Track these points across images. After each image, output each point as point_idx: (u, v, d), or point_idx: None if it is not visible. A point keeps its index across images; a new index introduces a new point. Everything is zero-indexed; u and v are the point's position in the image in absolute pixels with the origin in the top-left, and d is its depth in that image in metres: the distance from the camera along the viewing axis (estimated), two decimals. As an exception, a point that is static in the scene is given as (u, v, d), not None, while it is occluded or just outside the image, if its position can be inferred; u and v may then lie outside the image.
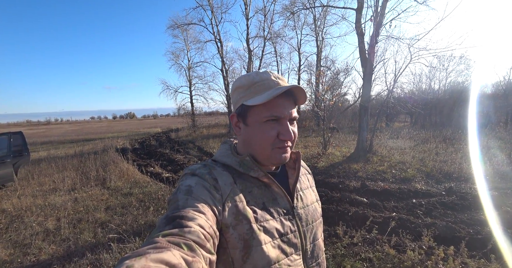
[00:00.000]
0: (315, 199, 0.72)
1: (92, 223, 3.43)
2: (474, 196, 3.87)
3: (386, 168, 5.74)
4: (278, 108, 0.57)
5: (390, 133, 11.14)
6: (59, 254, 2.72)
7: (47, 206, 4.11)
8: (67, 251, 2.77)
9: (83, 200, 4.39)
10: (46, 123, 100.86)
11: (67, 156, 8.52)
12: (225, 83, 16.08)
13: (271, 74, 0.61)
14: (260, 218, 0.55)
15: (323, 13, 16.00)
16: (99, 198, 4.49)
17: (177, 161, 7.33)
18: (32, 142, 15.01)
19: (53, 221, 3.53)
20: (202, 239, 0.42)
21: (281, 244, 0.56)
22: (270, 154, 0.59)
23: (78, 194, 4.74)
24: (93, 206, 4.08)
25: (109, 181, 5.33)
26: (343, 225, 2.85)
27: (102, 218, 3.56)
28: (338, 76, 15.96)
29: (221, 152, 0.65)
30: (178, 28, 16.66)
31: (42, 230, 3.26)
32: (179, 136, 15.72)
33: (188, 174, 0.57)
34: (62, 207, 4.02)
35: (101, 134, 21.25)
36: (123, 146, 11.15)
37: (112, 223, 3.36)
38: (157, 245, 0.37)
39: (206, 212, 0.48)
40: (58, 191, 4.89)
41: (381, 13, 6.44)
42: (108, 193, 4.73)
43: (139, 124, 43.96)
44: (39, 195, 4.71)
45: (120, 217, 3.61)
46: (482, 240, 2.56)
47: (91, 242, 2.93)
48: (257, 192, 0.59)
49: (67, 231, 3.19)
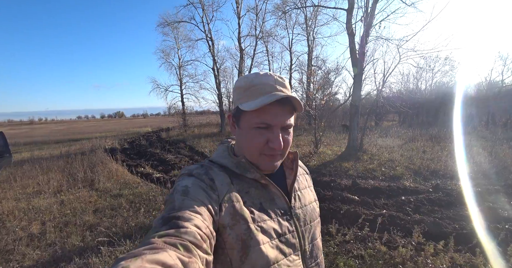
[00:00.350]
0: (313, 199, 0.72)
1: (80, 226, 3.31)
2: (459, 193, 4.02)
3: (376, 166, 5.87)
4: (269, 116, 0.56)
5: (380, 132, 11.39)
6: (44, 259, 2.61)
7: (31, 210, 3.93)
8: (53, 256, 2.66)
9: (70, 202, 4.24)
10: (29, 123, 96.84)
11: (52, 156, 8.20)
12: (216, 82, 15.95)
13: (273, 76, 0.59)
14: (258, 218, 0.55)
15: (314, 13, 16.15)
16: (87, 200, 4.35)
17: (168, 161, 7.21)
18: (14, 143, 14.38)
19: (38, 225, 3.39)
20: (199, 239, 0.42)
21: (280, 244, 0.56)
22: (258, 160, 0.59)
23: (64, 196, 4.57)
24: (81, 208, 3.95)
25: (98, 182, 5.17)
26: (335, 223, 2.88)
27: (91, 221, 3.45)
28: (329, 75, 16.14)
29: (218, 152, 0.65)
30: (168, 26, 16.36)
31: (26, 234, 3.12)
32: (170, 135, 15.48)
33: (185, 175, 0.57)
34: (48, 210, 3.86)
35: (89, 133, 20.61)
36: (112, 146, 10.85)
37: (101, 226, 3.25)
38: (153, 245, 0.36)
39: (203, 213, 0.47)
40: (42, 194, 4.70)
41: (371, 14, 6.56)
42: (97, 195, 4.59)
43: (129, 123, 42.98)
44: (22, 198, 4.51)
45: (110, 219, 3.50)
46: (467, 235, 2.66)
47: (79, 246, 2.83)
48: (254, 192, 0.59)
49: (53, 236, 3.06)
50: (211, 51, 15.35)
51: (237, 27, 15.08)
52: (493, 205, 3.55)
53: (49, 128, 35.59)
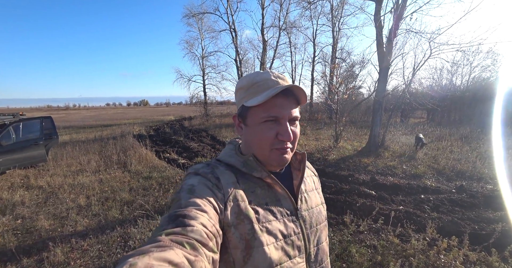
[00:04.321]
0: (320, 202, 0.71)
1: (118, 202, 3.77)
2: (485, 195, 3.88)
3: (397, 163, 5.78)
4: (276, 109, 0.56)
5: (404, 129, 10.95)
6: (92, 226, 3.07)
7: (77, 185, 4.51)
8: (98, 224, 3.11)
9: (107, 181, 4.78)
10: (65, 109, 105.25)
11: (88, 140, 9.04)
12: (238, 73, 16.13)
13: (271, 74, 0.60)
14: (263, 219, 0.55)
15: (341, 3, 15.45)
16: (122, 180, 4.86)
17: (192, 148, 7.65)
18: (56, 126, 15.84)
19: (84, 198, 3.91)
20: (205, 238, 0.42)
21: (285, 246, 0.55)
22: (269, 155, 0.58)
23: (102, 175, 5.14)
24: (118, 187, 4.44)
25: (130, 165, 5.71)
26: (350, 214, 3.01)
27: (127, 198, 3.90)
28: (353, 68, 15.58)
29: (225, 151, 0.66)
30: (193, 17, 16.66)
31: (75, 205, 3.64)
32: (192, 124, 16.10)
33: (191, 173, 0.58)
34: (90, 187, 4.41)
35: (117, 120, 22.04)
36: (139, 132, 11.64)
37: (136, 203, 3.69)
38: (160, 243, 0.37)
39: (209, 211, 0.48)
40: (84, 172, 5.32)
41: (402, 5, 6.24)
42: (130, 176, 5.09)
43: (153, 111, 45.03)
44: (68, 175, 5.15)
45: (143, 197, 3.93)
46: (485, 236, 2.65)
47: (118, 218, 3.26)
48: (260, 192, 0.58)
49: (97, 208, 3.55)
50: (234, 42, 15.49)
51: (261, 18, 14.99)
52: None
53: (82, 114, 38.49)
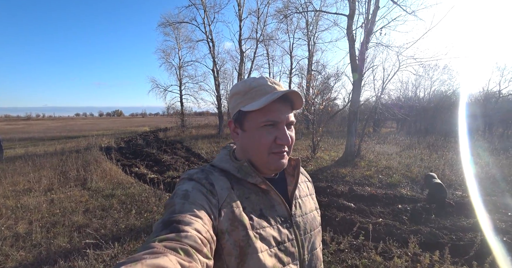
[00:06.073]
0: (314, 207, 0.70)
1: (68, 227, 3.22)
2: (457, 202, 3.97)
3: (373, 173, 5.82)
4: (275, 113, 0.57)
5: (378, 138, 11.39)
6: (28, 261, 2.51)
7: (19, 208, 3.83)
8: (37, 258, 2.56)
9: (60, 201, 4.14)
10: (26, 119, 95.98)
11: (46, 154, 8.06)
12: (216, 83, 15.90)
13: (268, 79, 0.61)
14: (257, 225, 0.54)
15: (316, 18, 16.24)
16: (78, 199, 4.25)
17: (164, 162, 7.12)
18: (9, 138, 14.20)
19: (25, 224, 3.29)
20: (199, 243, 0.42)
21: (278, 252, 0.55)
22: (267, 160, 0.58)
23: (55, 195, 4.47)
24: (71, 208, 3.85)
25: (90, 182, 5.07)
26: (330, 231, 2.83)
27: (80, 221, 3.35)
28: (329, 80, 16.20)
29: (220, 157, 0.65)
30: (169, 26, 16.35)
31: (11, 234, 3.02)
32: (167, 135, 15.37)
33: (185, 179, 0.57)
34: (36, 209, 3.76)
35: (86, 131, 20.44)
36: (108, 145, 10.74)
37: (90, 227, 3.17)
38: (154, 250, 0.36)
39: (203, 217, 0.47)
40: (33, 192, 4.59)
41: (371, 21, 6.58)
42: (88, 194, 4.49)
43: (127, 122, 42.73)
44: (11, 196, 4.40)
45: (100, 220, 3.42)
46: (464, 247, 2.62)
47: (65, 247, 2.74)
48: (255, 198, 0.58)
49: (39, 236, 2.97)
50: (211, 53, 15.34)
51: (238, 30, 15.11)
52: (504, 211, 3.55)
53: (46, 125, 35.24)
